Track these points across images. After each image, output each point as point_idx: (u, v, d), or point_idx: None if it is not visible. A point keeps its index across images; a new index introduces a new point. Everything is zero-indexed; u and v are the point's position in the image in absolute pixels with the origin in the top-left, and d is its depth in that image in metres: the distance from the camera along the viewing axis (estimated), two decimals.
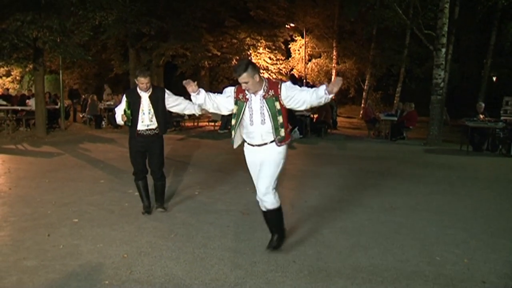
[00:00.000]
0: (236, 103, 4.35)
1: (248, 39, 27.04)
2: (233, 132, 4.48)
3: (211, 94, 4.42)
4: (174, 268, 4.07)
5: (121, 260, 4.21)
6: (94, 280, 3.76)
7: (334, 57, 27.14)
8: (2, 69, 30.75)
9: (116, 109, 5.75)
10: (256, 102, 4.24)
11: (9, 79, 33.51)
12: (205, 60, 24.48)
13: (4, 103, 16.36)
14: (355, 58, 26.69)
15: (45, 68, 16.83)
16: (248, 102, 4.27)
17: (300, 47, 28.64)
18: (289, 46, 29.16)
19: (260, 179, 4.33)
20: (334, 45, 27.10)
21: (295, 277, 3.95)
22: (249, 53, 27.16)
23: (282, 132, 4.26)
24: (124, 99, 5.47)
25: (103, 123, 17.21)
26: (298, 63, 28.94)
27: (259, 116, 4.24)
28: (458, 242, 4.93)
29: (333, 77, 27.15)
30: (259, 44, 27.37)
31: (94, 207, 5.99)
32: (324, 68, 28.36)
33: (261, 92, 4.21)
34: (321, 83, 20.51)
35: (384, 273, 4.07)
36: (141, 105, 5.46)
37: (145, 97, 5.47)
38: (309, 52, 28.68)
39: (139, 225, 5.28)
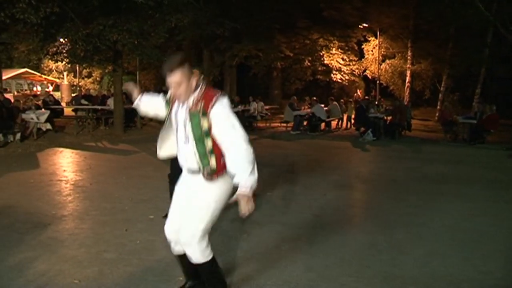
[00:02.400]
0: (166, 103, 3.20)
1: (320, 39, 26.90)
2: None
3: (146, 97, 3.41)
4: (247, 268, 4.07)
5: None
6: (169, 275, 3.83)
7: (409, 57, 26.30)
8: (84, 70, 32.51)
9: None
10: (182, 112, 3.00)
11: (90, 80, 35.37)
12: (277, 61, 24.60)
13: (86, 102, 17.22)
14: (431, 59, 25.70)
15: (123, 69, 17.56)
16: (174, 107, 3.08)
17: (374, 47, 28.07)
18: (362, 46, 28.71)
19: (184, 221, 3.08)
20: (409, 45, 26.26)
21: (369, 282, 3.84)
22: (321, 53, 26.98)
23: (213, 162, 2.94)
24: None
25: None
26: (371, 64, 28.40)
27: (183, 131, 3.00)
28: None
29: (407, 78, 26.38)
30: (331, 45, 27.15)
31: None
32: (398, 69, 27.61)
33: (190, 101, 2.94)
34: (395, 84, 19.79)
35: (464, 284, 3.85)
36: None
37: None
38: (382, 52, 28.05)
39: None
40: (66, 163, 9.51)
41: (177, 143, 3.10)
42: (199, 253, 3.05)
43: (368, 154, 11.84)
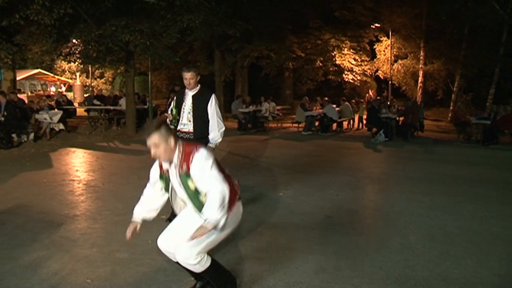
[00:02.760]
0: (161, 178, 3.40)
1: (332, 40, 26.81)
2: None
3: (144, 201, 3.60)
4: (259, 268, 4.06)
5: None
6: (181, 275, 3.83)
7: (421, 57, 26.05)
8: (96, 71, 32.74)
9: (168, 110, 5.66)
10: (173, 176, 3.24)
11: (102, 80, 35.59)
12: (289, 61, 24.57)
13: (98, 103, 17.33)
14: (444, 59, 25.44)
15: (135, 69, 17.64)
16: (164, 168, 3.32)
17: (386, 47, 27.88)
18: (374, 47, 28.51)
19: (181, 243, 3.18)
20: (421, 45, 25.98)
21: (382, 284, 3.81)
22: (333, 54, 26.89)
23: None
24: (174, 100, 5.41)
25: None
26: (383, 64, 28.19)
27: (179, 189, 3.26)
28: None
29: (419, 78, 26.19)
30: (343, 45, 27.04)
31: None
32: (411, 69, 27.38)
33: (175, 163, 3.17)
34: (407, 84, 19.60)
35: (479, 287, 3.81)
36: (184, 103, 5.22)
37: (189, 95, 5.20)
38: (395, 52, 27.84)
39: None
40: (78, 163, 9.58)
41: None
42: (197, 267, 3.22)
43: (380, 154, 11.77)
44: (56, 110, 14.03)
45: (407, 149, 12.86)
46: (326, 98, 18.55)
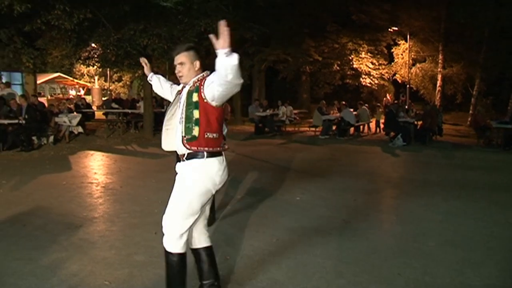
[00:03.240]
0: (177, 93, 3.42)
1: (350, 43, 26.70)
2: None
3: (161, 78, 4.09)
4: (276, 273, 4.05)
5: (223, 261, 4.27)
6: (197, 279, 3.84)
7: (440, 61, 25.75)
8: (115, 75, 33.07)
9: None
10: (183, 96, 3.22)
11: (120, 84, 35.92)
12: (306, 65, 24.53)
13: (117, 106, 17.49)
14: (463, 62, 25.15)
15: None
16: (180, 94, 3.33)
17: (404, 51, 27.66)
18: (392, 50, 28.33)
19: (167, 210, 3.30)
20: (440, 48, 25.70)
21: None
22: (350, 57, 26.78)
23: (196, 131, 3.07)
24: None
25: None
26: (401, 68, 27.97)
27: (180, 112, 3.21)
28: None
29: (438, 82, 25.94)
30: (361, 49, 26.90)
31: None
32: (429, 73, 27.13)
33: (190, 83, 3.20)
34: (425, 88, 19.37)
35: None
36: None
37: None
38: (413, 56, 27.61)
39: (241, 228, 5.34)
40: (97, 166, 9.67)
41: (176, 132, 3.22)
42: (169, 240, 3.19)
43: (398, 159, 11.67)
44: (75, 113, 14.21)
45: (426, 153, 12.73)
46: (344, 102, 18.48)
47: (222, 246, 4.67)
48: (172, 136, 3.25)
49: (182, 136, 3.10)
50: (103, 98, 27.45)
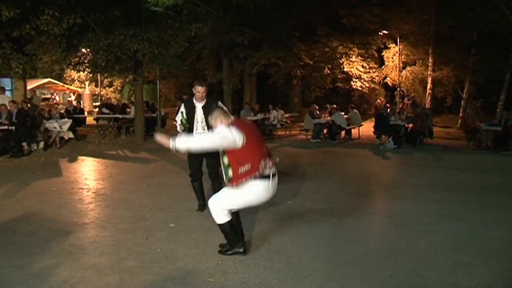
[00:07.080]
0: None
1: (340, 47, 26.78)
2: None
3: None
4: (268, 276, 4.05)
5: (216, 266, 4.26)
6: (190, 284, 3.83)
7: (430, 64, 25.93)
8: (105, 80, 32.96)
9: (176, 118, 6.24)
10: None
11: (111, 89, 35.81)
12: (297, 69, 24.54)
13: (107, 111, 17.43)
14: (452, 65, 25.34)
15: (144, 78, 17.73)
16: None
17: (394, 54, 27.83)
18: (382, 53, 28.47)
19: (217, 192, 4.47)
20: (430, 51, 25.90)
21: None
22: (341, 61, 26.86)
23: (230, 174, 4.13)
24: (182, 109, 5.99)
25: None
26: (391, 71, 28.13)
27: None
28: None
29: (428, 84, 26.07)
30: (351, 52, 26.99)
31: (190, 213, 6.14)
32: (419, 76, 27.30)
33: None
34: (415, 91, 19.52)
35: None
36: (196, 115, 5.88)
37: (199, 107, 5.86)
38: (403, 59, 27.77)
39: None
40: (87, 171, 9.62)
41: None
42: (215, 217, 4.32)
43: (389, 162, 11.72)
44: (65, 119, 14.14)
45: (416, 156, 12.79)
46: (335, 106, 18.52)
47: (213, 251, 4.65)
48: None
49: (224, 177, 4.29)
50: (95, 104, 27.32)
